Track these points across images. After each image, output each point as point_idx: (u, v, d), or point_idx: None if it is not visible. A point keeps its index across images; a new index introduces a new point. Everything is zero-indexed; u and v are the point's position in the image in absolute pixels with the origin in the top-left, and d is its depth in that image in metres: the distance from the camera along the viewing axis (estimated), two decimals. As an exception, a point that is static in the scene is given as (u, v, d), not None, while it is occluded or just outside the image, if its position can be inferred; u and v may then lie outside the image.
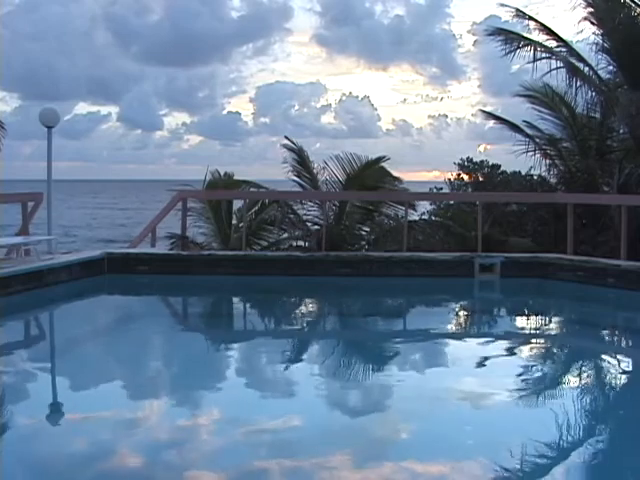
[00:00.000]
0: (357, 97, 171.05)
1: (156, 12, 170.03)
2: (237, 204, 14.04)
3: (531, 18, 13.44)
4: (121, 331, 8.51)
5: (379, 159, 14.21)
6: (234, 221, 14.15)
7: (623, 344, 8.66)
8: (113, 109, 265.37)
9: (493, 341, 8.26)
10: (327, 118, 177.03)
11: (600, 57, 13.11)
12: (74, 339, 7.86)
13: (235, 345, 8.12)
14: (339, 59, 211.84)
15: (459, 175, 16.15)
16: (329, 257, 11.34)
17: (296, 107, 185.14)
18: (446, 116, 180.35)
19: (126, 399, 5.83)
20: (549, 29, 13.33)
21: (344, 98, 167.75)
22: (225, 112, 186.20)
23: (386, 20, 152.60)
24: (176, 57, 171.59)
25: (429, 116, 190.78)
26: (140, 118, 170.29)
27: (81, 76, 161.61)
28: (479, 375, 6.47)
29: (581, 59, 13.26)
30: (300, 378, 6.49)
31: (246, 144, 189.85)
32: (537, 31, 13.34)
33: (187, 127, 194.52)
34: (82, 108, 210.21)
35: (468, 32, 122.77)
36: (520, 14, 13.43)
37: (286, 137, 14.46)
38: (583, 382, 6.64)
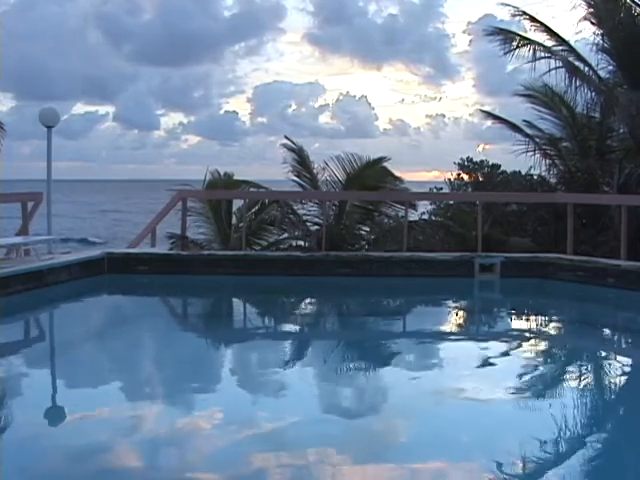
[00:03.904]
0: (354, 97, 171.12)
1: (147, 11, 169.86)
2: (237, 204, 14.04)
3: (531, 18, 13.44)
4: (121, 331, 8.50)
5: (380, 159, 14.20)
6: (234, 221, 14.15)
7: (623, 344, 8.66)
8: (109, 109, 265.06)
9: (493, 341, 8.26)
10: (325, 118, 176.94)
11: (600, 57, 13.12)
12: (74, 339, 7.86)
13: (235, 345, 8.12)
14: (332, 59, 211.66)
15: (459, 175, 16.14)
16: (329, 257, 11.34)
17: (293, 107, 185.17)
18: (443, 116, 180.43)
19: (126, 399, 5.83)
20: (549, 29, 13.34)
21: (341, 98, 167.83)
22: (222, 112, 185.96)
23: (379, 19, 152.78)
24: (168, 56, 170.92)
25: (426, 115, 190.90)
26: (136, 118, 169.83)
27: (75, 76, 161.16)
28: (479, 375, 6.47)
29: (581, 59, 13.26)
30: (300, 378, 6.50)
31: (244, 144, 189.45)
32: (536, 31, 13.36)
33: (184, 127, 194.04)
34: (78, 108, 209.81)
35: (463, 32, 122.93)
36: (520, 13, 13.45)
37: (286, 137, 14.48)
38: (583, 382, 6.64)
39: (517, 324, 9.66)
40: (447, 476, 4.22)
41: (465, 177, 16.10)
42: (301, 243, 13.34)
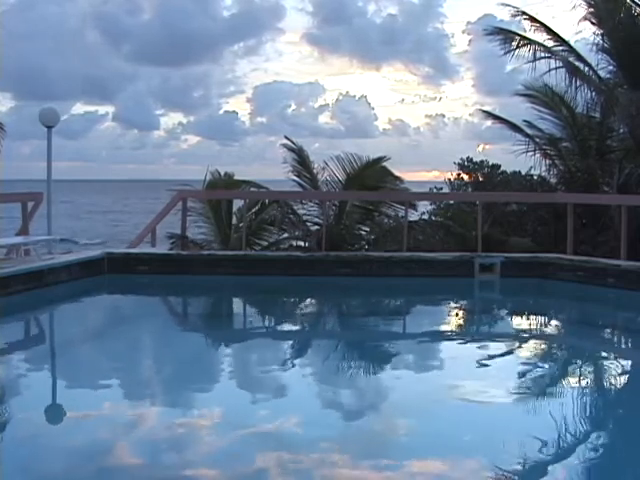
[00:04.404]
0: (354, 97, 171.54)
1: (146, 11, 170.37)
2: (237, 204, 14.04)
3: (531, 18, 13.44)
4: (121, 331, 8.50)
5: (380, 159, 14.21)
6: (234, 221, 14.15)
7: (623, 344, 8.66)
8: (108, 109, 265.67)
9: (493, 341, 8.26)
10: (324, 118, 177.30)
11: (600, 57, 13.13)
12: (74, 339, 7.86)
13: (235, 345, 8.12)
14: (331, 59, 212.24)
15: (459, 175, 16.13)
16: (329, 257, 11.34)
17: (293, 107, 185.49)
18: (443, 116, 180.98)
19: (126, 399, 5.83)
20: (549, 29, 13.34)
21: (341, 98, 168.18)
22: (222, 112, 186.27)
23: (379, 19, 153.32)
24: (167, 56, 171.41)
25: (426, 115, 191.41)
26: (136, 118, 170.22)
27: (75, 76, 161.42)
28: (479, 375, 6.47)
29: (581, 59, 13.26)
30: (300, 378, 6.49)
31: (244, 144, 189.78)
32: (536, 31, 13.36)
33: (184, 127, 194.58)
34: (78, 108, 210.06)
35: (463, 32, 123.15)
36: (520, 13, 13.45)
37: (286, 137, 14.49)
38: (583, 382, 6.64)
39: (517, 324, 9.65)
40: (447, 476, 4.22)
41: (465, 177, 16.09)
42: (301, 243, 13.34)
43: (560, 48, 13.24)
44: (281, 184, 14.64)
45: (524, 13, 13.47)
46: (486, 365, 6.91)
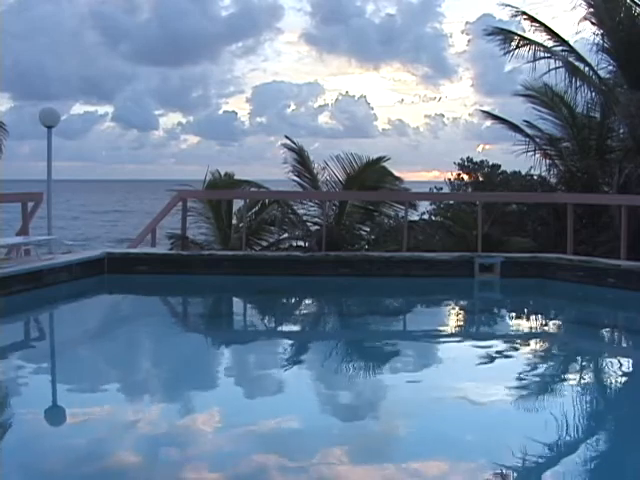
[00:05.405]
0: (353, 97, 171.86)
1: (145, 11, 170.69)
2: (237, 204, 14.04)
3: (531, 18, 13.44)
4: (121, 331, 8.51)
5: (379, 159, 14.22)
6: (234, 221, 14.15)
7: (623, 344, 8.66)
8: (107, 109, 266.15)
9: (493, 341, 8.25)
10: (324, 118, 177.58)
11: (600, 57, 13.15)
12: (74, 339, 7.86)
13: (235, 345, 8.12)
14: (330, 59, 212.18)
15: (459, 175, 16.12)
16: (329, 257, 11.34)
17: (292, 107, 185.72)
18: (442, 116, 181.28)
19: (125, 399, 5.83)
20: (548, 29, 13.34)
21: (340, 98, 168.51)
22: (221, 112, 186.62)
23: (377, 19, 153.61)
24: (166, 56, 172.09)
25: (425, 115, 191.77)
26: (135, 118, 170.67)
27: (74, 76, 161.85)
28: (479, 375, 6.47)
29: (581, 59, 13.26)
30: (300, 378, 6.49)
31: (244, 144, 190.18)
32: (536, 31, 13.37)
33: (183, 127, 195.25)
34: (77, 108, 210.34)
35: (461, 32, 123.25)
36: (519, 13, 13.45)
37: (286, 137, 14.49)
38: (583, 382, 6.64)
39: (517, 324, 9.65)
40: (447, 476, 4.22)
41: (465, 177, 16.08)
42: (301, 243, 13.34)
43: (560, 48, 13.25)
44: (281, 184, 14.65)
45: (524, 13, 13.48)
46: (486, 365, 6.91)
